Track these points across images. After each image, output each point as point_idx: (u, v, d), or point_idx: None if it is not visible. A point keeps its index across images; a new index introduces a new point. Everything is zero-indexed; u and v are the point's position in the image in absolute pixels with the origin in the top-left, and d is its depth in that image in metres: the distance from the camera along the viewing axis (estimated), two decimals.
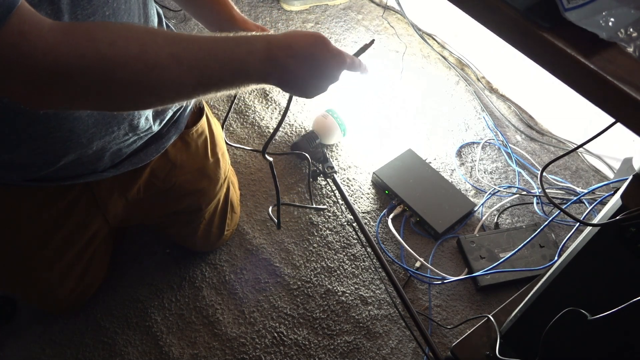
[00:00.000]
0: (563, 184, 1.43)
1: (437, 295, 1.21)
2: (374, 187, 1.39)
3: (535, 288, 0.84)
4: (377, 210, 1.34)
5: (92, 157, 0.82)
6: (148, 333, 1.12)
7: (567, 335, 0.77)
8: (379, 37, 1.79)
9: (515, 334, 0.93)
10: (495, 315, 1.00)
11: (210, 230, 1.16)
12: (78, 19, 0.62)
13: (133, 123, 0.83)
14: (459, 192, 1.35)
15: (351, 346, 1.12)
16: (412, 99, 1.61)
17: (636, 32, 0.49)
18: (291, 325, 1.14)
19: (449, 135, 1.53)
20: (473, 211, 1.35)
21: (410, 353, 1.13)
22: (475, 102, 1.62)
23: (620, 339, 0.77)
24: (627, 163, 1.28)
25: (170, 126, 0.96)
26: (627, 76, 0.48)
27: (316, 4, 1.87)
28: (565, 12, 0.50)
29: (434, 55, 1.74)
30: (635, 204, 0.63)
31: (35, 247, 0.93)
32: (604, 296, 0.71)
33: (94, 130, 0.77)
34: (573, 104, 1.41)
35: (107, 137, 0.80)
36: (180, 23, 1.79)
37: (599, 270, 0.75)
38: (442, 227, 1.28)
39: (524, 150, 1.50)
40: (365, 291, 1.20)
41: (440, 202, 1.32)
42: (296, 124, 1.50)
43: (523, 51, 0.54)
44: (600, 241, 0.70)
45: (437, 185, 1.35)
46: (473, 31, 1.62)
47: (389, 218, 1.29)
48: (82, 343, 1.10)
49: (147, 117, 0.86)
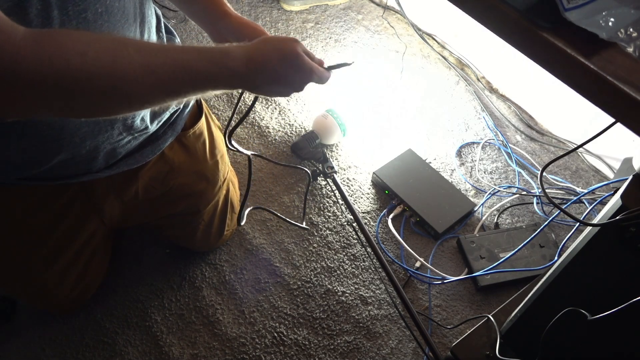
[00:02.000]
0: (563, 184, 1.43)
1: (437, 295, 1.21)
2: (374, 187, 1.39)
3: (535, 288, 0.84)
4: (377, 210, 1.34)
5: (85, 156, 0.81)
6: (148, 333, 1.12)
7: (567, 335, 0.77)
8: (379, 37, 1.79)
9: (515, 334, 0.93)
10: (495, 315, 1.00)
11: (210, 231, 1.15)
12: (69, 15, 0.61)
13: (127, 123, 0.82)
14: (458, 192, 1.35)
15: (351, 346, 1.12)
16: (412, 99, 1.61)
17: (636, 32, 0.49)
18: (291, 325, 1.14)
19: (449, 135, 1.53)
20: (473, 211, 1.35)
21: (410, 353, 1.13)
22: (475, 102, 1.62)
23: (620, 339, 0.77)
24: (627, 163, 1.28)
25: (167, 127, 0.95)
26: (627, 76, 0.48)
27: (316, 4, 1.87)
28: (565, 12, 0.50)
29: (434, 55, 1.74)
30: (635, 204, 0.63)
31: (32, 247, 0.93)
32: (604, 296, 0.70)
33: (86, 130, 0.76)
34: (573, 104, 1.41)
35: (101, 137, 0.80)
36: (180, 23, 1.79)
37: (599, 270, 0.75)
38: (442, 227, 1.28)
39: (524, 150, 1.50)
40: (365, 291, 1.20)
41: (440, 202, 1.32)
42: (296, 124, 1.50)
43: (523, 51, 0.54)
44: (600, 241, 0.70)
45: (437, 185, 1.35)
46: (473, 31, 1.62)
47: (389, 218, 1.29)
48: (82, 343, 1.10)
49: (143, 117, 0.86)
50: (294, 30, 1.79)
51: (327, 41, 1.76)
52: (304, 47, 0.71)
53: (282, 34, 1.78)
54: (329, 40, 1.76)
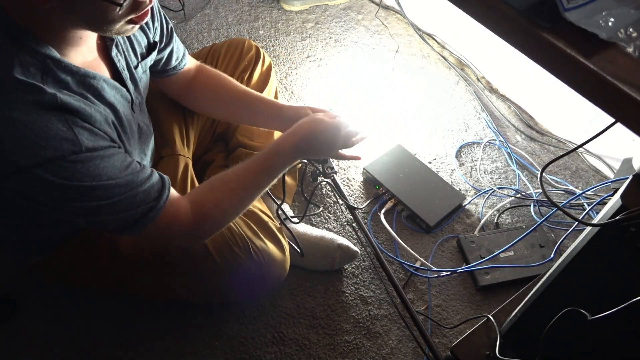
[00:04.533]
0: (563, 185, 1.43)
1: (437, 295, 1.21)
2: (364, 184, 1.39)
3: (535, 288, 0.84)
4: (371, 205, 1.34)
5: None
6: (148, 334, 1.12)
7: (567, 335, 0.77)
8: (379, 37, 1.79)
9: (515, 334, 0.93)
10: (495, 315, 1.00)
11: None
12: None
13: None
14: (448, 185, 1.35)
15: (351, 346, 1.12)
16: (412, 99, 1.61)
17: (636, 32, 0.49)
18: (291, 324, 1.14)
19: (449, 135, 1.53)
20: (463, 204, 1.35)
21: (410, 353, 1.13)
22: (475, 102, 1.62)
23: (620, 339, 0.77)
24: (627, 163, 1.28)
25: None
26: (627, 76, 0.48)
27: (316, 4, 1.87)
28: (565, 12, 0.50)
29: (434, 55, 1.74)
30: (635, 204, 0.62)
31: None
32: (604, 296, 0.71)
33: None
34: (573, 104, 1.41)
35: None
36: (180, 23, 1.79)
37: (598, 270, 0.75)
38: (433, 220, 1.28)
39: (523, 150, 1.50)
40: (365, 291, 1.20)
41: (431, 196, 1.32)
42: None
43: (523, 51, 0.54)
44: (600, 241, 0.70)
45: (427, 179, 1.36)
46: (473, 31, 1.62)
47: (381, 213, 1.29)
48: (81, 343, 1.10)
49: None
50: (294, 30, 1.80)
51: (327, 41, 1.76)
52: (345, 127, 0.96)
53: (282, 34, 1.78)
54: (329, 40, 1.77)
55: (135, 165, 0.75)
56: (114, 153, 0.72)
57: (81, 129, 0.67)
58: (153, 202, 0.76)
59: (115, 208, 0.72)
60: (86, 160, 0.67)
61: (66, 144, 0.65)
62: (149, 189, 0.76)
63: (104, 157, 0.69)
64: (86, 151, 0.67)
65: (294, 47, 1.74)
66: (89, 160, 0.67)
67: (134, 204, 0.74)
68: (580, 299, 0.72)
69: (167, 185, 0.79)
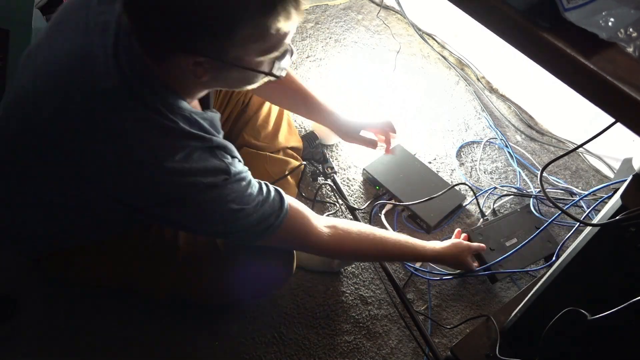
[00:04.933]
0: (563, 185, 1.43)
1: (437, 295, 1.21)
2: (364, 184, 1.39)
3: (535, 288, 0.84)
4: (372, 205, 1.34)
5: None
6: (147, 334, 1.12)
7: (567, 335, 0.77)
8: (379, 37, 1.79)
9: (515, 334, 0.93)
10: (495, 315, 1.00)
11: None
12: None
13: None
14: (448, 185, 1.35)
15: (351, 346, 1.12)
16: (412, 99, 1.61)
17: (636, 32, 0.49)
18: (291, 324, 1.14)
19: (449, 135, 1.53)
20: (463, 204, 1.35)
21: (410, 353, 1.13)
22: (475, 102, 1.62)
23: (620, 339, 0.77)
24: (627, 163, 1.28)
25: None
26: (627, 76, 0.48)
27: (316, 4, 1.87)
28: (565, 12, 0.50)
29: (434, 55, 1.74)
30: (635, 204, 0.63)
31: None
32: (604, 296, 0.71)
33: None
34: (573, 104, 1.41)
35: None
36: None
37: (598, 270, 0.75)
38: (434, 221, 1.28)
39: (524, 150, 1.50)
40: (365, 291, 1.20)
41: (431, 196, 1.31)
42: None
43: (523, 51, 0.54)
44: (600, 241, 0.70)
45: (427, 179, 1.36)
46: (473, 31, 1.62)
47: (382, 214, 1.29)
48: (81, 343, 1.10)
49: None
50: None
51: (327, 41, 1.76)
52: (471, 251, 1.15)
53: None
54: (329, 40, 1.77)
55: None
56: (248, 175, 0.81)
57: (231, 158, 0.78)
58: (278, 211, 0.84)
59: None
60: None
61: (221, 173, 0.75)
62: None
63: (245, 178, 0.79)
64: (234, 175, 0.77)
65: (294, 47, 1.74)
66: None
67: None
68: (580, 299, 0.72)
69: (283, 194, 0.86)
